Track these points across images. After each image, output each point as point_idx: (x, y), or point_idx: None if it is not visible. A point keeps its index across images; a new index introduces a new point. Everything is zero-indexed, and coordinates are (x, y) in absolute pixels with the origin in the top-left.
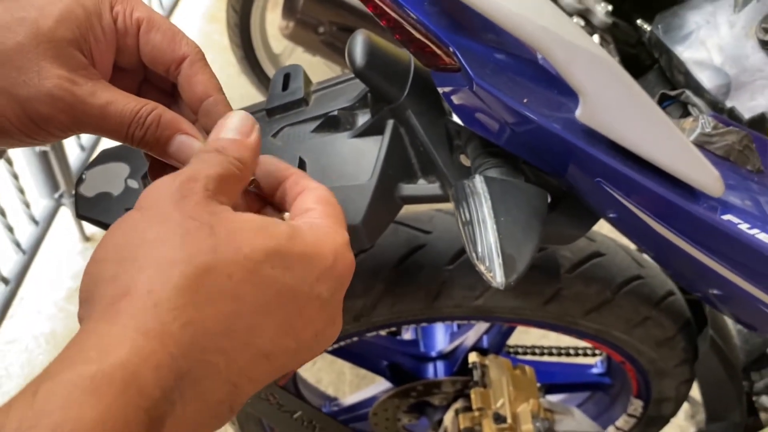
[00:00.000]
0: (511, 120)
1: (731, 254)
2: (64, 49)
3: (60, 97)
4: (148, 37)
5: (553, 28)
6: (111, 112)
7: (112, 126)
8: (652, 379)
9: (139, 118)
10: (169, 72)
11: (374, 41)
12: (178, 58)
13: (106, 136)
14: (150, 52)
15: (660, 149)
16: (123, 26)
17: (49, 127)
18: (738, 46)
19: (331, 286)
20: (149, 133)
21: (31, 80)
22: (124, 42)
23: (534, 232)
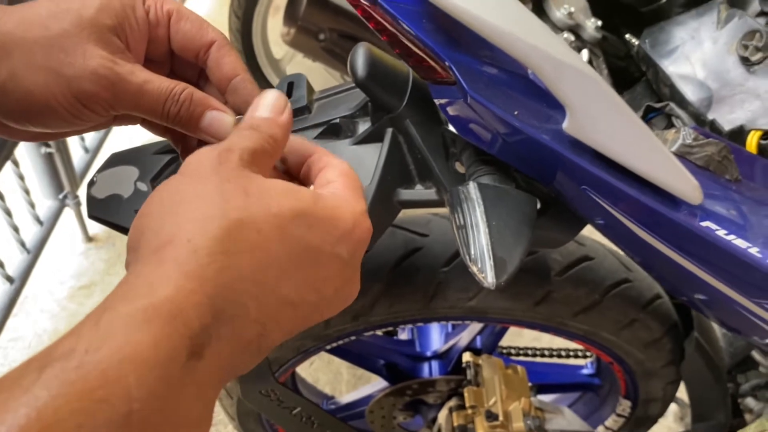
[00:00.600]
0: (502, 130)
1: (711, 259)
2: (105, 35)
3: (103, 75)
4: (179, 26)
5: (543, 45)
6: (148, 89)
7: (149, 102)
8: (639, 380)
9: (173, 95)
10: (198, 57)
11: (375, 53)
12: (207, 43)
13: (142, 113)
14: (181, 40)
15: (642, 159)
16: (155, 18)
17: (92, 105)
18: (720, 62)
19: (350, 248)
20: (183, 109)
21: (76, 61)
22: (155, 33)
23: (524, 236)
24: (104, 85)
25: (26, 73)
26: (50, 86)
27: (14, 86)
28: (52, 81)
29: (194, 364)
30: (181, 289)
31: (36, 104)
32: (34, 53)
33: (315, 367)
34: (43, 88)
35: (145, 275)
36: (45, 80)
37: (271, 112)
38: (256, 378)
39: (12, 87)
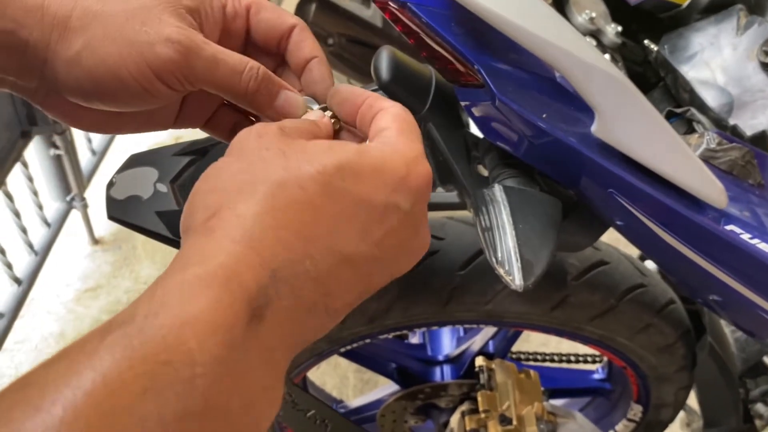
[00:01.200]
0: (530, 133)
1: (733, 262)
2: (181, 11)
3: (177, 40)
4: (260, 16)
5: (573, 49)
6: (223, 59)
7: (225, 73)
8: (651, 385)
9: (251, 69)
10: (281, 43)
11: (398, 56)
12: (288, 28)
13: (217, 86)
14: (264, 29)
15: (669, 163)
16: (233, 11)
17: (164, 75)
18: (740, 68)
19: (408, 197)
20: (262, 85)
21: (152, 28)
22: (231, 26)
23: (550, 238)
24: (179, 50)
25: (101, 44)
26: (123, 55)
27: (88, 56)
28: (126, 50)
29: (256, 326)
30: (232, 253)
31: (108, 75)
32: (111, 25)
33: (322, 371)
34: (115, 56)
35: (196, 246)
36: (119, 49)
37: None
38: None
39: (86, 56)
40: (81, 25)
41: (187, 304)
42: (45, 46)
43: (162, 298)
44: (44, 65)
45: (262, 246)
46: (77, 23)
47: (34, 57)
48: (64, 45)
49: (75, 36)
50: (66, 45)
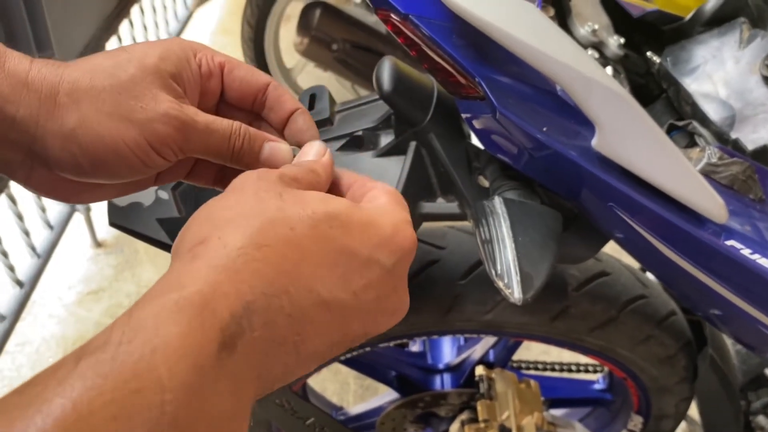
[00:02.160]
0: (530, 146)
1: (733, 277)
2: (168, 81)
3: (174, 116)
4: (234, 75)
5: (574, 64)
6: (215, 128)
7: (217, 140)
8: (652, 396)
9: (236, 130)
10: (256, 100)
11: (401, 67)
12: (264, 85)
13: (209, 153)
14: (238, 87)
15: (669, 178)
16: (207, 70)
17: (162, 148)
18: (742, 81)
19: (390, 256)
20: (246, 143)
21: (148, 105)
22: (207, 85)
23: (550, 251)
24: (176, 126)
25: (97, 120)
26: (121, 131)
27: (84, 133)
28: (123, 127)
29: (227, 356)
30: (210, 281)
31: (106, 151)
32: (104, 100)
33: (322, 377)
34: (113, 133)
35: (177, 271)
36: (116, 126)
37: (312, 155)
38: None
39: (82, 133)
40: (71, 101)
41: (161, 330)
42: (34, 123)
43: (138, 322)
44: (33, 142)
45: (240, 277)
46: (66, 99)
47: (22, 132)
48: (56, 122)
49: (66, 113)
50: (58, 122)
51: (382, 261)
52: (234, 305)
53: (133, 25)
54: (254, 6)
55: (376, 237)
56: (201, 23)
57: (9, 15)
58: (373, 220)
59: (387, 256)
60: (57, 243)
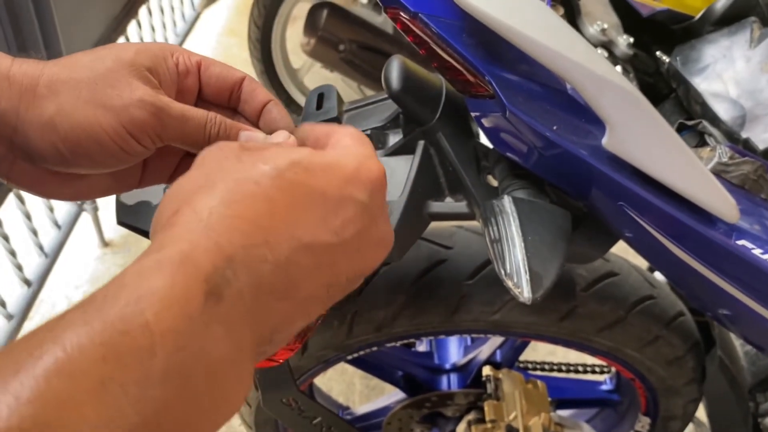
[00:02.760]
0: (540, 145)
1: (744, 277)
2: (143, 73)
3: (149, 102)
4: (210, 71)
5: (584, 62)
6: (190, 115)
7: (193, 127)
8: (660, 397)
9: (211, 119)
10: (232, 94)
11: (409, 66)
12: (239, 80)
13: (184, 140)
14: (215, 83)
15: (680, 177)
16: (185, 68)
17: (139, 134)
18: (753, 80)
19: (362, 189)
20: (222, 131)
21: (123, 92)
22: (184, 83)
23: (559, 250)
24: (151, 111)
25: (74, 108)
26: (98, 117)
27: (62, 120)
28: (100, 113)
29: (214, 305)
30: (188, 240)
31: (84, 137)
32: (81, 89)
33: (328, 376)
34: (91, 119)
35: (157, 241)
36: (93, 112)
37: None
38: (278, 386)
39: (60, 121)
40: (50, 92)
41: (144, 284)
42: (15, 114)
43: (121, 281)
44: (14, 133)
45: (217, 234)
46: (45, 90)
47: (4, 124)
48: (35, 112)
49: (45, 102)
50: (38, 112)
51: (355, 195)
52: (215, 259)
53: (140, 26)
54: (261, 7)
55: (342, 175)
56: (208, 24)
57: (18, 15)
58: (335, 161)
59: (359, 190)
60: (65, 242)
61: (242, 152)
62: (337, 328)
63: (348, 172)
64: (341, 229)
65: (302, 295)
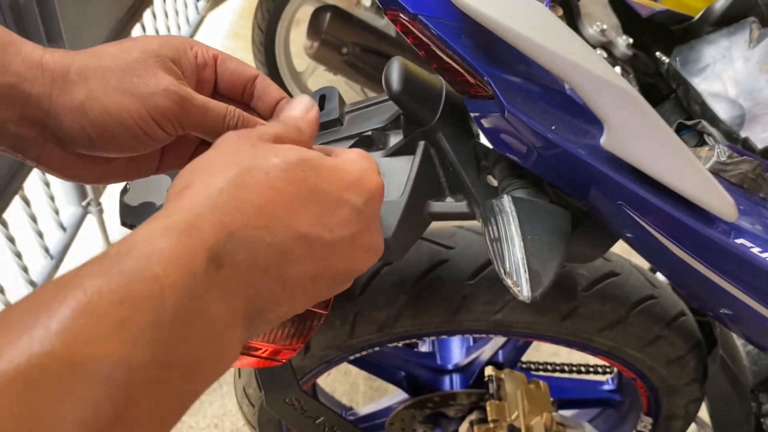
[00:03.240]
0: (539, 145)
1: (743, 276)
2: (168, 63)
3: (174, 91)
4: (226, 65)
5: (582, 61)
6: (211, 105)
7: (213, 117)
8: (662, 397)
9: (231, 111)
10: (245, 89)
11: (409, 68)
12: (252, 77)
13: (204, 130)
14: (229, 77)
15: (679, 176)
16: (203, 60)
17: (162, 120)
18: (752, 80)
19: (360, 196)
20: (240, 122)
21: (149, 81)
22: (202, 75)
23: (558, 249)
24: (175, 101)
25: (103, 94)
26: (125, 103)
27: (92, 105)
28: (127, 99)
29: (215, 270)
30: (194, 212)
31: (111, 121)
32: (109, 78)
33: (332, 377)
34: (119, 105)
35: (167, 209)
36: (121, 99)
37: (299, 111)
38: (280, 386)
39: (90, 105)
40: (80, 79)
41: (153, 244)
42: (48, 99)
43: (131, 241)
44: (47, 116)
45: (222, 211)
46: (76, 77)
47: (36, 108)
48: (67, 97)
49: (76, 88)
50: (69, 97)
51: (353, 201)
52: (218, 232)
53: (145, 30)
54: (264, 10)
55: (346, 179)
56: (212, 28)
57: (23, 19)
58: (342, 166)
59: (357, 196)
60: (70, 244)
61: (258, 142)
62: (340, 328)
63: (351, 177)
64: (336, 227)
65: (291, 280)
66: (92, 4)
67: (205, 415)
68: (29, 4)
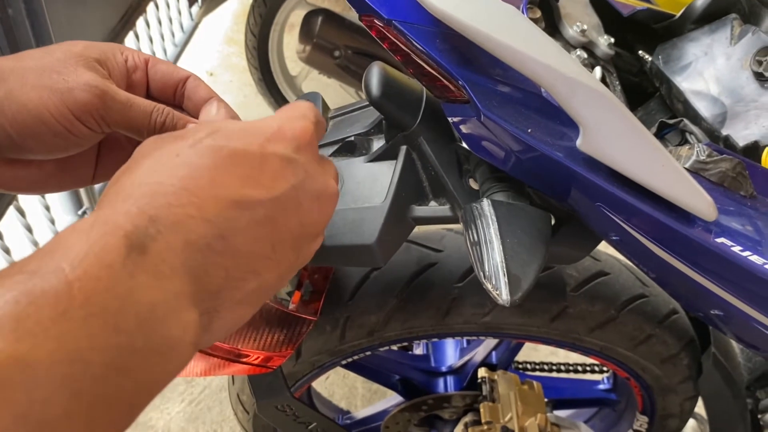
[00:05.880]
0: (516, 148)
1: (726, 275)
2: (92, 63)
3: (94, 85)
4: (156, 68)
5: (554, 64)
6: (136, 101)
7: (138, 114)
8: (656, 396)
9: (158, 108)
10: (176, 91)
11: (389, 72)
12: (183, 78)
13: (129, 127)
14: (160, 79)
15: (655, 176)
16: (133, 63)
17: (84, 116)
18: (734, 77)
19: (286, 144)
20: (168, 120)
21: (69, 77)
22: (133, 78)
23: (538, 252)
24: (96, 94)
25: (21, 92)
26: (43, 99)
27: (9, 103)
28: (46, 95)
29: (138, 256)
30: (108, 207)
31: (30, 119)
32: (28, 76)
33: (330, 381)
34: (36, 101)
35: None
36: (39, 95)
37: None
38: (271, 393)
39: (8, 104)
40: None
41: (62, 241)
42: None
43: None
44: None
45: (136, 198)
46: None
47: None
48: None
49: None
50: None
51: (279, 152)
52: (135, 219)
53: (138, 38)
54: (257, 15)
55: (262, 133)
56: (207, 33)
57: (13, 28)
58: (252, 125)
59: (282, 146)
60: None
61: (171, 137)
62: (330, 333)
63: (269, 131)
64: (271, 182)
65: (244, 251)
66: (84, 13)
67: (204, 421)
68: (19, 15)
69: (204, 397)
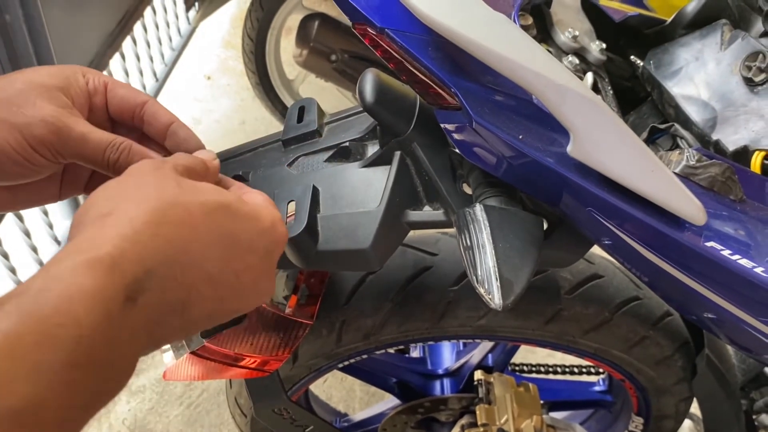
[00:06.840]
0: (508, 154)
1: (717, 279)
2: (54, 92)
3: (51, 122)
4: (116, 91)
5: (544, 71)
6: (91, 137)
7: (92, 149)
8: (651, 397)
9: (113, 144)
10: (135, 115)
11: (383, 79)
12: (142, 102)
13: (85, 159)
14: (118, 103)
15: (645, 181)
16: (93, 87)
17: (40, 148)
18: (724, 82)
19: (266, 245)
20: (122, 157)
21: (28, 111)
22: (94, 101)
23: (530, 257)
24: (52, 130)
25: None
26: (3, 132)
27: None
28: (6, 128)
29: (129, 308)
30: (118, 248)
31: None
32: None
33: (328, 384)
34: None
35: (90, 237)
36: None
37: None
38: (268, 396)
39: None
40: None
41: (77, 281)
42: None
43: (55, 275)
44: None
45: (144, 247)
46: None
47: None
48: None
49: None
50: None
51: (259, 249)
52: (137, 269)
53: (136, 42)
54: (254, 19)
55: (258, 228)
56: (205, 37)
57: (11, 34)
58: (255, 213)
59: (263, 245)
60: None
61: (179, 178)
62: (326, 336)
63: (263, 227)
64: (243, 273)
65: (191, 317)
66: (81, 18)
67: (202, 425)
68: (17, 21)
69: (202, 400)
